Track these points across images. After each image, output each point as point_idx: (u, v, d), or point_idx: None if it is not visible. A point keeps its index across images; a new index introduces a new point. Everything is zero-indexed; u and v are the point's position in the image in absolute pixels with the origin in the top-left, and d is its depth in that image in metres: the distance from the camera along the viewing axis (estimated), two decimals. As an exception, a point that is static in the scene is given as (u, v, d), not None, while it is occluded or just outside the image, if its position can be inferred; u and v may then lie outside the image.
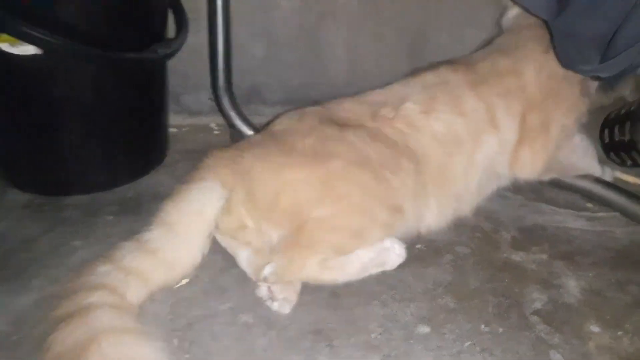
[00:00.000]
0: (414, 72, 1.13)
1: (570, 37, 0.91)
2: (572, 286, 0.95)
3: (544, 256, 1.02)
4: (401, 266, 0.95)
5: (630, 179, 1.29)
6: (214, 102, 1.54)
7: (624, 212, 1.15)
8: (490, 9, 1.42)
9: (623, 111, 1.30)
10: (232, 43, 1.35)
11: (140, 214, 1.07)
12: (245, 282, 0.92)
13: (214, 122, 1.56)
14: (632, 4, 0.81)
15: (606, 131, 1.33)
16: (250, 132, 1.29)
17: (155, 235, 0.86)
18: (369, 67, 1.61)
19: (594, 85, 1.17)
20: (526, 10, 1.04)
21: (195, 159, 0.98)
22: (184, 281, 0.92)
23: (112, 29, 1.09)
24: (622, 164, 1.32)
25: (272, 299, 0.87)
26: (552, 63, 1.06)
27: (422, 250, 1.03)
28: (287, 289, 0.88)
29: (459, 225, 1.10)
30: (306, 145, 0.92)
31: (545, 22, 1.01)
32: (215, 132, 1.53)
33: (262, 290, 0.89)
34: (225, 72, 1.24)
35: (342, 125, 0.98)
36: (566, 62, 0.99)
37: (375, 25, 1.55)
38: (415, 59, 1.60)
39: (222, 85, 1.24)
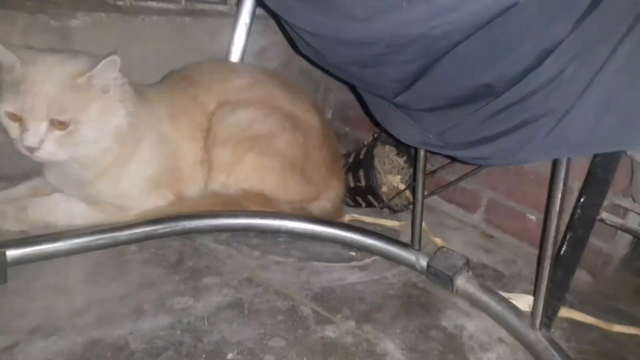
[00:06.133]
0: None
1: (403, 109, 0.85)
2: (392, 349, 0.92)
3: (352, 323, 0.97)
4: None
5: (366, 219, 1.39)
6: None
7: (382, 255, 1.21)
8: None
9: (350, 160, 1.38)
10: None
11: None
12: None
13: None
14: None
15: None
16: None
17: None
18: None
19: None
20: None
21: None
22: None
23: None
24: (356, 206, 1.41)
25: None
26: None
27: (236, 358, 0.84)
28: None
29: (254, 311, 0.97)
30: None
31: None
32: None
33: None
34: None
35: None
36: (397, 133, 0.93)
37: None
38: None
39: None
